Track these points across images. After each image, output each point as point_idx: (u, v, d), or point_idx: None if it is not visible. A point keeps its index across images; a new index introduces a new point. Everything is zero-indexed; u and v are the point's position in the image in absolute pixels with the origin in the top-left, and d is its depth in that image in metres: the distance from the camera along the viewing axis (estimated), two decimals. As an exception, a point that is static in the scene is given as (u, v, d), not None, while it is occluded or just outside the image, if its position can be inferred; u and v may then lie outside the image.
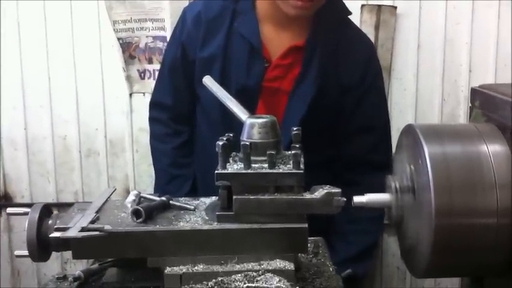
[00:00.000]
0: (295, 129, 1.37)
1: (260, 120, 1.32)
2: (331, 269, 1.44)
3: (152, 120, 2.20)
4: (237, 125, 1.39)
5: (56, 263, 2.98)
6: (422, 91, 2.86)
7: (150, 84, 2.90)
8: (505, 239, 1.13)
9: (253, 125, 1.32)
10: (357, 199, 1.30)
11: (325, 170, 1.97)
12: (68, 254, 2.80)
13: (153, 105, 2.19)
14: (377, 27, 2.74)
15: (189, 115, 2.09)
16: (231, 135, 1.37)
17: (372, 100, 2.01)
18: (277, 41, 1.94)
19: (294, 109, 1.91)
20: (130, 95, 2.94)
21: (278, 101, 1.93)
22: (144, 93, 2.93)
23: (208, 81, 1.58)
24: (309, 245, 1.42)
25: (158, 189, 2.15)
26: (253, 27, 1.92)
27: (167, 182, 2.12)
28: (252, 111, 1.84)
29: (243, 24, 1.93)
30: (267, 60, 1.94)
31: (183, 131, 2.12)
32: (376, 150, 1.35)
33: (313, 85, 1.90)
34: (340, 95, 1.96)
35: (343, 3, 2.03)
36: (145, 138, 2.96)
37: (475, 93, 1.43)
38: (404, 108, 2.78)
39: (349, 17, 2.07)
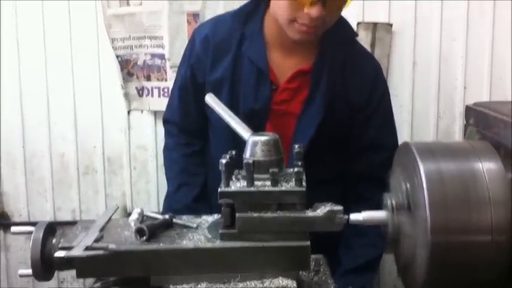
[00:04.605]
0: (296, 147, 1.38)
1: (263, 138, 1.33)
2: (332, 287, 1.45)
3: (166, 132, 2.24)
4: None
5: (52, 283, 2.97)
6: (418, 107, 2.89)
7: (148, 101, 2.92)
8: (499, 256, 1.14)
9: (256, 143, 1.33)
10: (354, 217, 1.30)
11: (334, 186, 1.99)
12: (64, 273, 2.82)
13: (165, 121, 2.23)
14: (373, 45, 2.77)
15: (199, 131, 2.12)
16: (234, 152, 1.38)
17: (380, 118, 2.02)
18: (284, 65, 1.95)
19: (302, 131, 1.92)
20: (129, 112, 2.95)
21: (286, 123, 1.95)
22: (142, 110, 2.95)
23: (210, 99, 1.59)
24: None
25: (168, 198, 2.18)
26: (261, 51, 1.93)
27: (176, 189, 2.14)
28: None
29: (251, 48, 1.94)
30: (274, 83, 1.95)
31: (194, 143, 2.15)
32: (385, 168, 1.36)
33: (321, 107, 1.92)
34: (349, 115, 1.98)
35: (350, 26, 2.04)
36: (142, 155, 2.99)
37: (470, 111, 1.45)
38: (400, 124, 2.78)
39: None
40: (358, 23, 2.77)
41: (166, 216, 1.40)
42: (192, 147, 2.15)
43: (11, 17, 2.87)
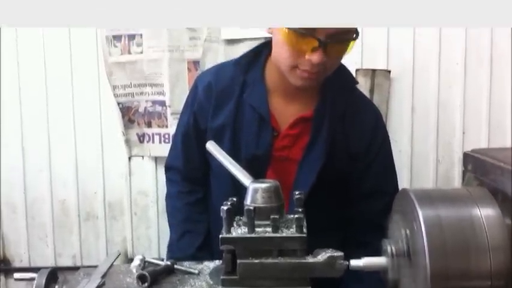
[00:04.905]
0: (297, 193, 1.39)
1: (264, 185, 1.34)
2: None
3: (167, 180, 2.22)
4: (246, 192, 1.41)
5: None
6: (417, 153, 2.91)
7: (149, 147, 2.95)
8: (499, 301, 1.15)
9: (256, 190, 1.34)
10: (354, 263, 1.30)
11: (335, 231, 1.98)
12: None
13: (167, 168, 2.22)
14: (372, 91, 2.81)
15: (202, 177, 2.11)
16: (235, 199, 1.39)
17: (380, 166, 2.02)
18: (285, 111, 1.96)
19: (303, 177, 1.92)
20: (129, 158, 2.98)
21: (287, 169, 1.94)
22: (142, 156, 2.97)
23: (211, 146, 1.61)
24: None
25: (172, 246, 2.15)
26: (262, 98, 1.94)
27: (180, 237, 2.11)
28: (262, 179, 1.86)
29: (252, 95, 1.95)
30: (275, 130, 1.95)
31: (197, 190, 2.13)
32: (385, 214, 1.37)
33: (322, 153, 1.92)
34: (349, 162, 1.99)
35: (350, 73, 2.06)
36: (143, 201, 3.00)
37: (468, 158, 1.47)
38: (399, 169, 2.77)
39: None
40: (357, 70, 2.81)
41: (168, 262, 1.41)
42: (196, 195, 2.14)
43: (12, 64, 2.93)
